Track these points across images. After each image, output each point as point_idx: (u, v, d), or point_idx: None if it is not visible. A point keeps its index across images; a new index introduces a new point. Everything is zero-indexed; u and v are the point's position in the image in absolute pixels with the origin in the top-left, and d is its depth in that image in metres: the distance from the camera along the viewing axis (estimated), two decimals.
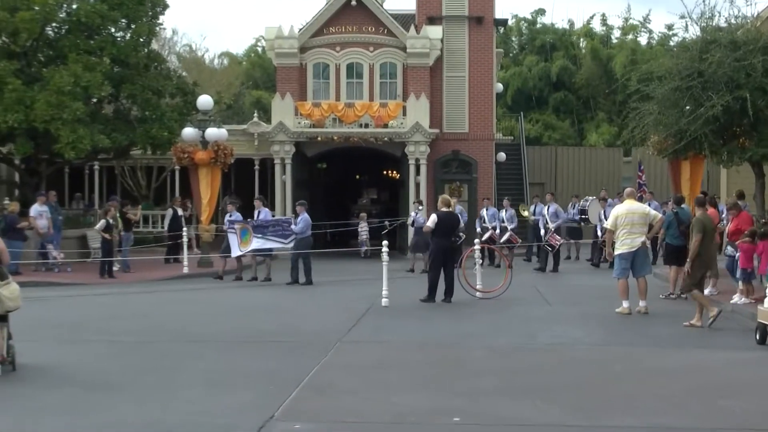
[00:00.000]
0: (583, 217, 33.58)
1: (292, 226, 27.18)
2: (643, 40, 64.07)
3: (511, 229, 32.50)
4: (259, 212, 29.02)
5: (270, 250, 27.98)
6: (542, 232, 31.15)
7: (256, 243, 27.56)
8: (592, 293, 23.86)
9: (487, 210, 33.59)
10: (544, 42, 64.68)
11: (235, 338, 16.87)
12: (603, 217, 31.01)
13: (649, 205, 26.46)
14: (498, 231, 32.52)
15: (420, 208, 31.89)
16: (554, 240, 30.28)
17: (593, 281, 27.29)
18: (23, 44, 32.15)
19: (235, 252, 27.86)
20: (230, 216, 28.68)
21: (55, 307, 21.93)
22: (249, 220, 28.55)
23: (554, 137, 58.71)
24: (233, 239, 27.85)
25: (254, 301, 23.35)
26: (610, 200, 32.54)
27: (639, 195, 35.72)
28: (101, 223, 29.14)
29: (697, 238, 18.23)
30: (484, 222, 32.93)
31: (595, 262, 32.54)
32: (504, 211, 33.22)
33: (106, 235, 28.61)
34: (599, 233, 31.11)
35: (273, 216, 29.02)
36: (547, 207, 31.71)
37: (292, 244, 27.21)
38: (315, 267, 27.11)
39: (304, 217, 27.08)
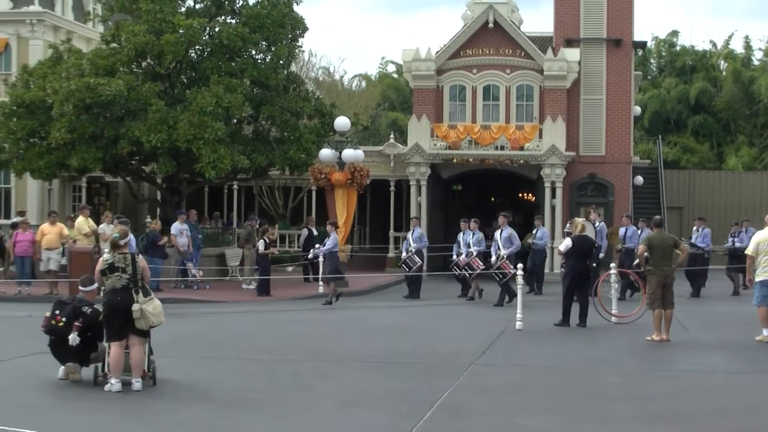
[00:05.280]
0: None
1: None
2: None
3: (476, 254, 28.37)
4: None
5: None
6: (493, 259, 27.26)
7: None
8: (733, 320, 23.34)
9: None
10: (683, 64, 63.68)
11: (369, 358, 17.02)
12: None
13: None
14: (464, 255, 28.51)
15: (335, 230, 29.22)
16: (507, 267, 26.50)
17: (734, 308, 26.61)
18: (167, 66, 32.86)
19: None
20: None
21: (194, 323, 22.37)
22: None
23: (692, 161, 57.67)
24: None
25: (389, 321, 23.44)
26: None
27: None
28: (261, 243, 29.49)
29: (641, 250, 19.84)
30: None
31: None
32: (472, 234, 28.88)
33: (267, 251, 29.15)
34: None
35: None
36: (500, 231, 27.59)
37: None
38: (450, 289, 26.64)
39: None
